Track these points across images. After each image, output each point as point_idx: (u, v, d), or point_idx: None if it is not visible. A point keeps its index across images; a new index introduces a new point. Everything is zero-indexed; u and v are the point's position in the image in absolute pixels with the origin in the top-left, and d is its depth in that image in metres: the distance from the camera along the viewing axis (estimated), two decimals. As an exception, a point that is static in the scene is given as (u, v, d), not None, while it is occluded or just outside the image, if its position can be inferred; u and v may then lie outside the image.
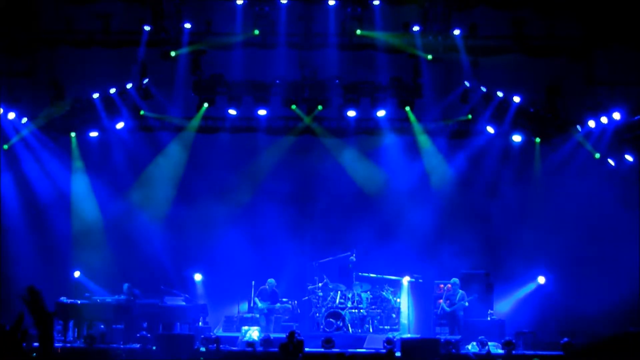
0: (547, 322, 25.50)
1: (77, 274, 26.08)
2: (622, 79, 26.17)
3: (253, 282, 25.29)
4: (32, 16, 26.34)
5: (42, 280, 25.55)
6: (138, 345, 22.36)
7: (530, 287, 26.32)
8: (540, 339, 24.01)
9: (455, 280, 24.97)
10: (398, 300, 25.48)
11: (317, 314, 25.23)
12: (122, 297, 24.03)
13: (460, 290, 24.87)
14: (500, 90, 25.99)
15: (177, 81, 26.43)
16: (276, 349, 21.58)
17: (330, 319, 24.75)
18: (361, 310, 25.12)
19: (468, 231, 26.54)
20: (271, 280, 25.25)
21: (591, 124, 25.60)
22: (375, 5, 25.55)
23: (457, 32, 25.65)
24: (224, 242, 26.89)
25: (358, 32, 25.69)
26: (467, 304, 24.76)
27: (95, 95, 26.04)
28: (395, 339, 22.52)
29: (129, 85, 26.11)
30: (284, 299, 25.48)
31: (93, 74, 26.15)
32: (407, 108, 26.40)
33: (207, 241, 26.89)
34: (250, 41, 25.90)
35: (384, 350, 22.09)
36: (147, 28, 25.78)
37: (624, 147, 25.72)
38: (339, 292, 25.40)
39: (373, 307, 25.36)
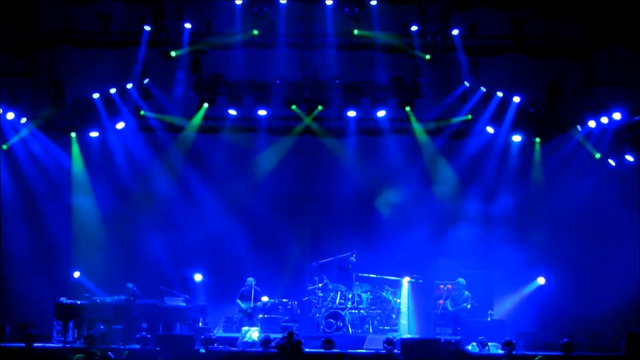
0: (547, 322, 25.52)
1: (77, 274, 26.09)
2: (622, 79, 26.19)
3: (253, 282, 25.26)
4: (32, 16, 26.42)
5: (42, 280, 25.68)
6: (138, 346, 22.35)
7: (530, 288, 26.32)
8: (541, 339, 24.02)
9: (461, 280, 24.93)
10: (398, 300, 25.47)
11: (317, 315, 25.23)
12: (122, 296, 24.04)
13: (466, 292, 24.83)
14: (500, 90, 25.98)
15: (177, 81, 26.44)
16: (275, 350, 21.59)
17: (330, 320, 24.75)
18: (361, 311, 25.12)
19: (468, 231, 26.55)
20: (250, 280, 25.23)
21: (591, 124, 25.60)
22: (373, 5, 25.57)
23: (455, 32, 25.65)
24: (224, 242, 26.91)
25: (355, 32, 25.71)
26: (469, 306, 24.76)
27: (96, 95, 26.04)
28: (395, 340, 22.51)
29: (129, 85, 26.12)
30: (269, 299, 25.39)
31: (93, 74, 26.19)
32: (407, 108, 26.40)
33: (207, 241, 26.89)
34: (250, 41, 25.95)
35: (384, 351, 22.10)
36: (147, 28, 25.80)
37: (624, 147, 25.74)
38: (339, 292, 25.39)
39: (373, 307, 25.34)
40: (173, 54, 26.03)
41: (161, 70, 26.40)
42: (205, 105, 26.51)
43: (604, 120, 25.34)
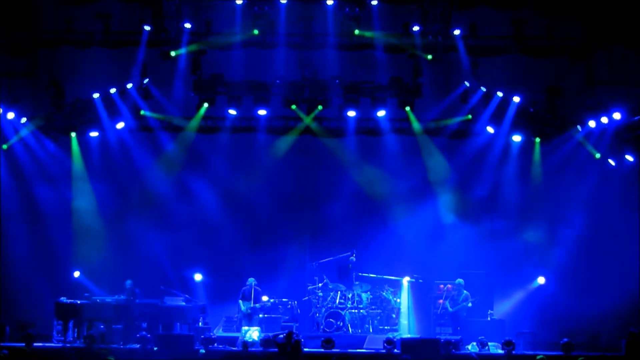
0: (547, 322, 25.50)
1: (77, 274, 26.10)
2: (622, 79, 26.20)
3: (254, 283, 25.26)
4: (32, 16, 26.37)
5: (42, 280, 25.68)
6: (138, 346, 22.34)
7: (530, 287, 26.32)
8: (541, 339, 24.03)
9: (460, 280, 24.99)
10: (398, 300, 25.47)
11: (317, 314, 25.23)
12: (122, 296, 24.05)
13: (465, 291, 24.89)
14: (500, 90, 25.99)
15: (177, 81, 26.45)
16: (276, 349, 21.59)
17: (330, 319, 24.75)
18: (361, 311, 25.12)
19: (468, 231, 26.56)
20: (251, 280, 25.23)
21: (591, 124, 25.62)
22: (374, 5, 25.58)
23: (457, 32, 25.65)
24: (224, 242, 26.92)
25: (356, 32, 25.71)
26: (470, 304, 24.79)
27: (95, 95, 26.05)
28: (395, 339, 22.51)
29: (129, 85, 26.13)
30: (269, 299, 25.35)
31: (93, 74, 26.16)
32: (407, 108, 26.41)
33: (207, 241, 26.90)
34: (250, 41, 25.94)
35: (384, 351, 22.10)
36: (147, 28, 25.81)
37: (624, 147, 25.74)
38: (339, 292, 25.40)
39: (373, 307, 25.35)
40: (173, 54, 26.04)
41: (161, 70, 26.40)
42: (205, 105, 26.52)
43: (604, 120, 25.35)
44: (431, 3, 25.38)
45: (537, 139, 26.74)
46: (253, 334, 23.59)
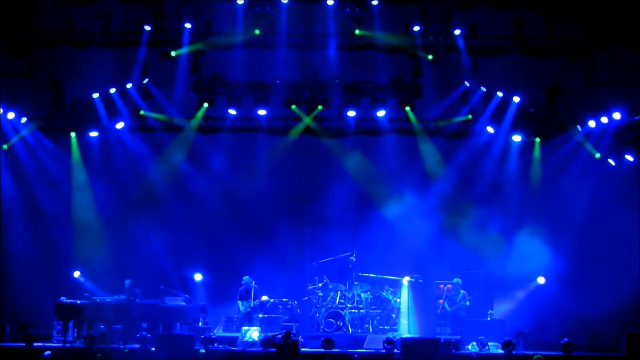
0: (547, 322, 25.52)
1: (77, 274, 26.09)
2: (622, 79, 26.20)
3: (253, 282, 25.28)
4: (32, 16, 26.37)
5: (42, 280, 25.69)
6: (138, 346, 22.34)
7: (530, 287, 26.32)
8: (540, 339, 24.03)
9: (457, 280, 25.03)
10: (398, 300, 25.48)
11: (317, 314, 25.23)
12: (122, 296, 24.06)
13: (462, 291, 24.93)
14: (500, 90, 26.00)
15: (177, 81, 26.46)
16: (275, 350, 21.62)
17: (330, 319, 24.75)
18: (361, 311, 25.12)
19: (468, 231, 26.55)
20: (246, 278, 25.23)
21: (591, 124, 25.64)
22: (374, 5, 25.59)
23: (457, 32, 25.66)
24: (224, 242, 26.93)
25: (356, 32, 25.72)
26: (468, 303, 24.82)
27: (95, 95, 26.06)
28: (395, 339, 22.52)
29: (129, 85, 26.14)
30: (269, 299, 25.34)
31: (93, 74, 26.18)
32: (407, 108, 26.42)
33: (207, 241, 26.92)
34: (251, 41, 25.95)
35: (384, 351, 22.11)
36: (147, 28, 25.82)
37: (624, 147, 25.76)
38: (339, 292, 25.40)
39: (373, 307, 25.35)
40: (173, 54, 26.05)
41: (161, 70, 26.42)
42: (205, 105, 26.55)
43: (604, 120, 25.37)
44: (431, 3, 25.38)
45: (537, 139, 26.75)
46: (253, 334, 23.59)
